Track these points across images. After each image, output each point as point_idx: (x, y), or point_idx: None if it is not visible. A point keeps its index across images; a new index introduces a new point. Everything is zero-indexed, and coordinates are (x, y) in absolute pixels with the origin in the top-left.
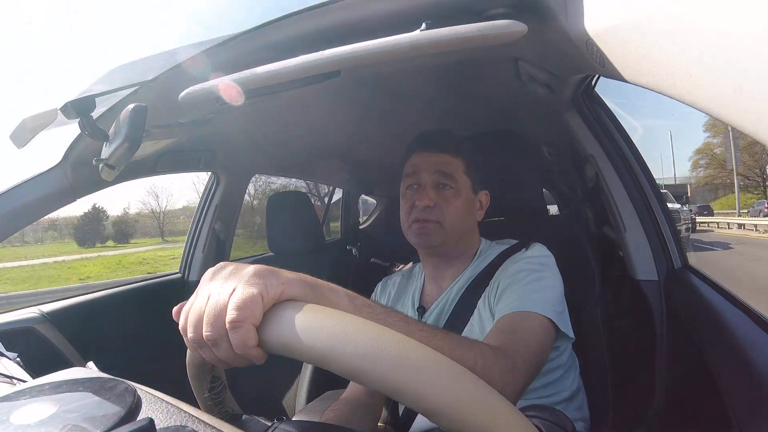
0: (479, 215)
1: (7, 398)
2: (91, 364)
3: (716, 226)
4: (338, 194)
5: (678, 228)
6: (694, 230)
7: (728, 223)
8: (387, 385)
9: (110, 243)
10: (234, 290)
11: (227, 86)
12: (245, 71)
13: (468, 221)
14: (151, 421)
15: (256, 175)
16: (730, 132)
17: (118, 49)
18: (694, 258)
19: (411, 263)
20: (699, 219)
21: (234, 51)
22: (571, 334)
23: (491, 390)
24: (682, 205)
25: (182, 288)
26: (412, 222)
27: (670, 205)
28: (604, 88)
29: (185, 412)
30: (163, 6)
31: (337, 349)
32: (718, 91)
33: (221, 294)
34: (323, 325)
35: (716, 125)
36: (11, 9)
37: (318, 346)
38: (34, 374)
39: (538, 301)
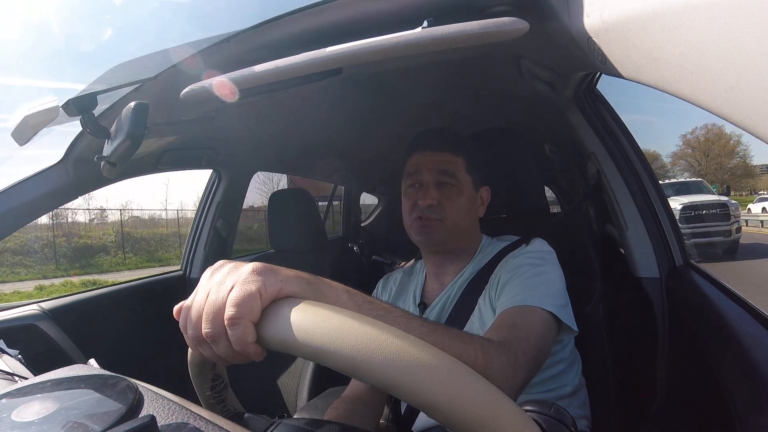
0: (480, 211)
1: (9, 395)
2: (92, 361)
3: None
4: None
5: (726, 228)
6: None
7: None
8: (383, 381)
9: None
10: (232, 288)
11: (229, 84)
12: (247, 68)
13: (470, 218)
14: (153, 418)
15: None
16: None
17: (117, 49)
18: None
19: (412, 260)
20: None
21: (236, 48)
22: (575, 327)
23: (488, 385)
24: (728, 197)
25: (184, 285)
26: (415, 220)
27: (713, 197)
28: (605, 86)
29: (187, 409)
30: (163, 5)
31: (333, 346)
32: (718, 89)
33: (220, 292)
34: (320, 321)
35: None
36: (11, 9)
37: (315, 342)
38: (36, 371)
39: (539, 295)
